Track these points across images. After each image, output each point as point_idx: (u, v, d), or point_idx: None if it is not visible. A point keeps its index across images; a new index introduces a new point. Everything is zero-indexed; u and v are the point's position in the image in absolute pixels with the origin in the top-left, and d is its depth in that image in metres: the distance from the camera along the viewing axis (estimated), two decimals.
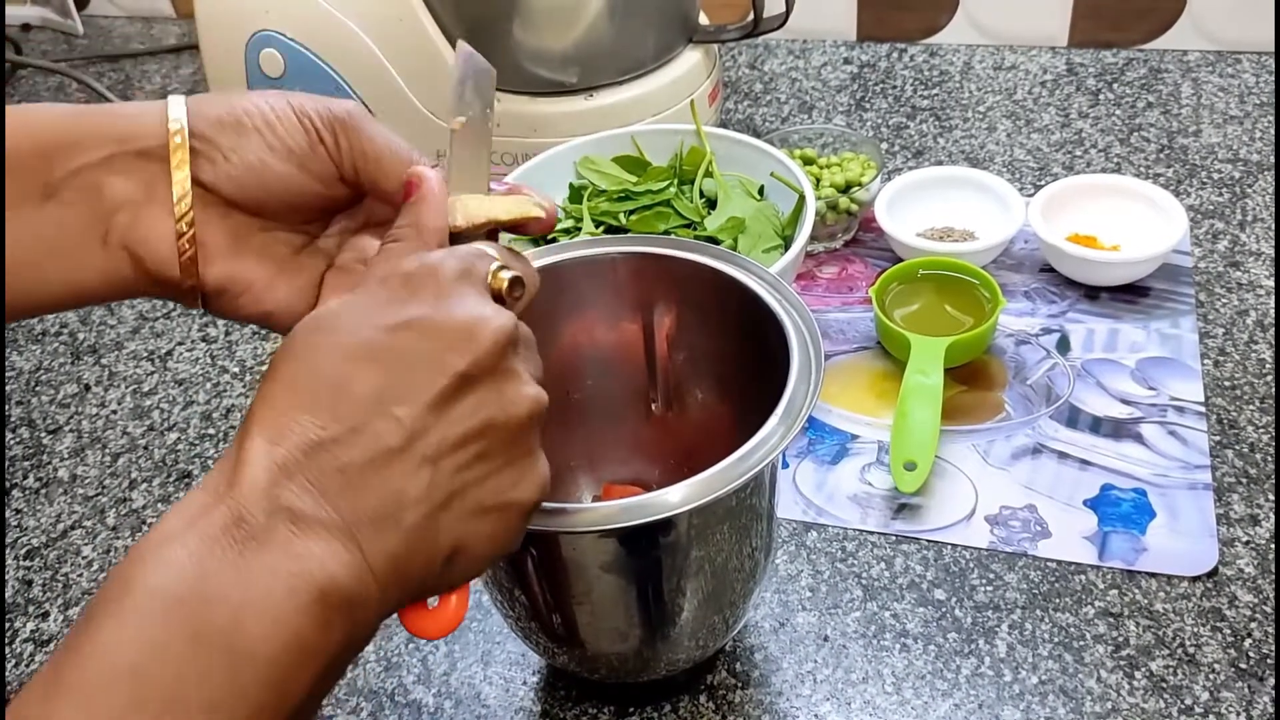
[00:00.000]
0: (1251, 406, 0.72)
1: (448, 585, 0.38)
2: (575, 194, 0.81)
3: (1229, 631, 0.60)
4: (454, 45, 0.88)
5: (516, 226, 0.45)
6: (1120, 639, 0.60)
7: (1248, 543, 0.64)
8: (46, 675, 0.31)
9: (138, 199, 0.44)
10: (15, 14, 1.36)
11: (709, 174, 0.80)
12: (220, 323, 0.89)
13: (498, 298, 0.40)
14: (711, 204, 0.78)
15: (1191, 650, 0.59)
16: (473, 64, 0.46)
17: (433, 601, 0.39)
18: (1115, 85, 1.05)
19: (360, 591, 0.34)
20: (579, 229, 0.76)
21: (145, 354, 0.87)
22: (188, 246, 0.44)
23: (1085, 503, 0.67)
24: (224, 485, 0.34)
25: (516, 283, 0.40)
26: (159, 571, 0.32)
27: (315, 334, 0.37)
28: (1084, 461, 0.70)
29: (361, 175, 0.46)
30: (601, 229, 0.77)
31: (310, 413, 0.35)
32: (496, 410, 0.37)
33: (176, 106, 0.45)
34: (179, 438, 0.79)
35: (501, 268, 0.40)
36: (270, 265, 0.47)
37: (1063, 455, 0.70)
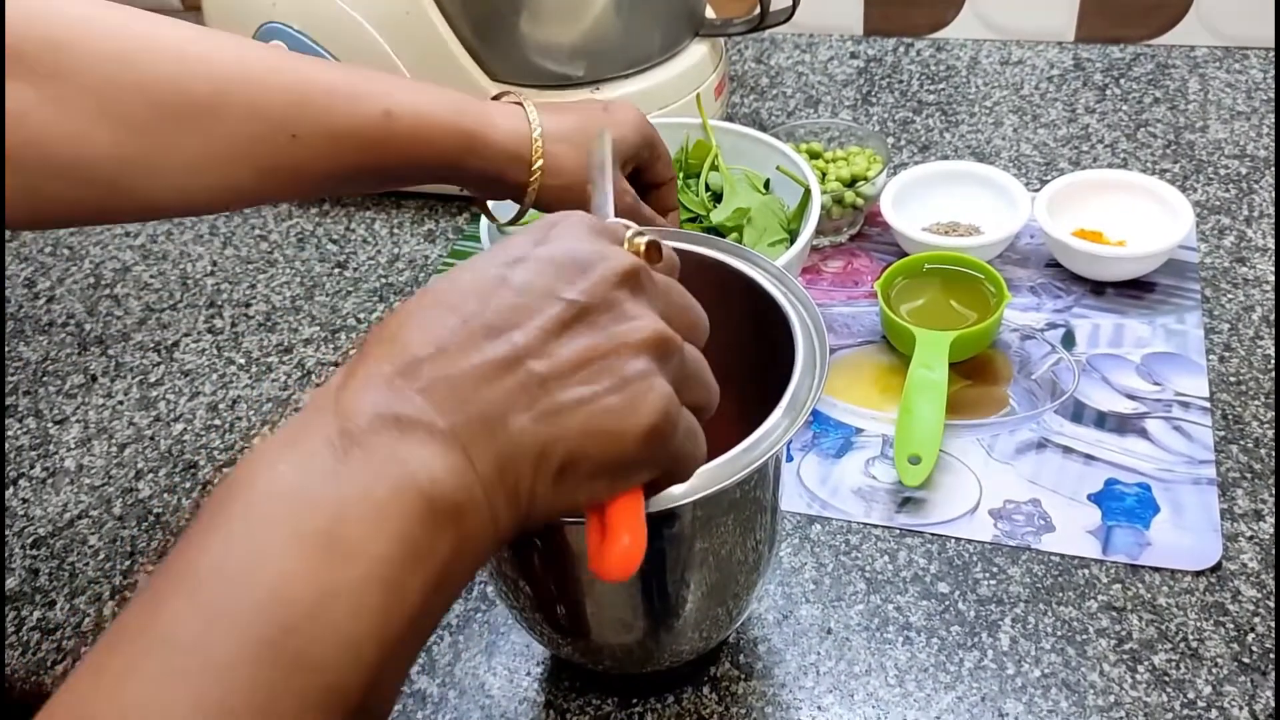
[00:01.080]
0: (1256, 402, 0.72)
1: (563, 509, 0.37)
2: None
3: (1232, 626, 0.60)
4: (460, 37, 0.88)
5: None
6: (1123, 633, 0.60)
7: (1251, 538, 0.64)
8: (155, 580, 0.32)
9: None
10: None
11: (715, 168, 0.80)
12: (226, 314, 0.90)
13: None
14: (717, 198, 0.78)
15: (1194, 645, 0.59)
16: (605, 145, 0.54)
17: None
18: (1122, 81, 1.05)
19: (467, 497, 0.34)
20: None
21: (151, 345, 0.88)
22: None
23: (1089, 497, 0.67)
24: (325, 403, 0.35)
25: (654, 248, 0.41)
26: (261, 476, 0.33)
27: (444, 276, 0.39)
28: (1088, 456, 0.70)
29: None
30: None
31: (422, 337, 0.36)
32: (605, 338, 0.37)
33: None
34: (185, 428, 0.80)
35: (638, 234, 0.41)
36: None
37: (1067, 450, 0.70)
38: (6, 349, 0.89)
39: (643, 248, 0.40)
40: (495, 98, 0.67)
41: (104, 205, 0.56)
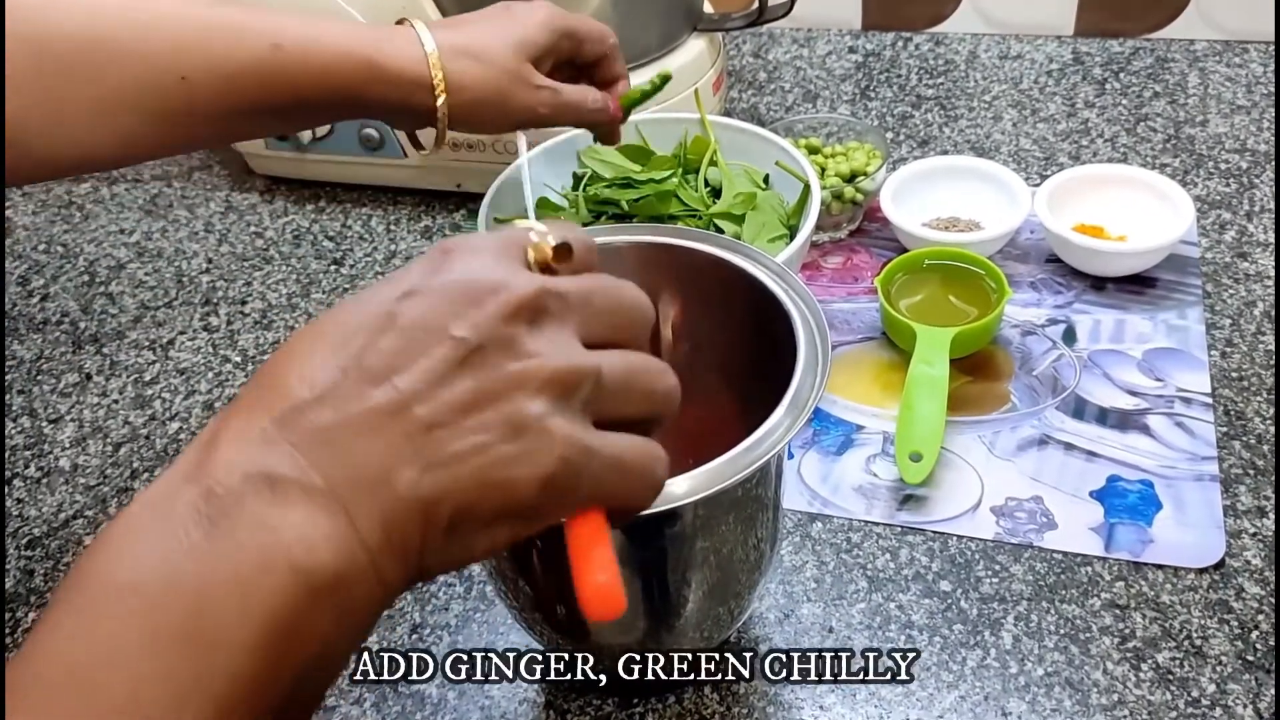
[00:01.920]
0: (1259, 398, 0.72)
1: (461, 560, 0.35)
2: (578, 183, 0.81)
3: (1236, 624, 0.60)
4: None
5: None
6: (1127, 631, 0.60)
7: (1254, 534, 0.64)
8: (7, 673, 0.29)
9: None
10: None
11: (713, 163, 0.79)
12: (222, 312, 0.89)
13: (547, 268, 0.37)
14: (716, 193, 0.78)
15: (1198, 642, 0.59)
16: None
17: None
18: (1122, 75, 1.04)
19: (348, 566, 0.31)
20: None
21: (146, 343, 0.87)
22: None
23: (1091, 494, 0.67)
24: (196, 460, 0.32)
25: (563, 249, 0.37)
26: (118, 560, 0.30)
27: (331, 311, 0.36)
28: (1090, 453, 0.69)
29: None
30: (604, 218, 0.76)
31: (301, 380, 0.33)
32: (497, 379, 0.33)
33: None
34: (180, 427, 0.79)
35: (543, 235, 0.37)
36: None
37: (1069, 446, 0.70)
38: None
39: (550, 252, 0.37)
40: (399, 23, 0.67)
41: (5, 164, 0.55)
